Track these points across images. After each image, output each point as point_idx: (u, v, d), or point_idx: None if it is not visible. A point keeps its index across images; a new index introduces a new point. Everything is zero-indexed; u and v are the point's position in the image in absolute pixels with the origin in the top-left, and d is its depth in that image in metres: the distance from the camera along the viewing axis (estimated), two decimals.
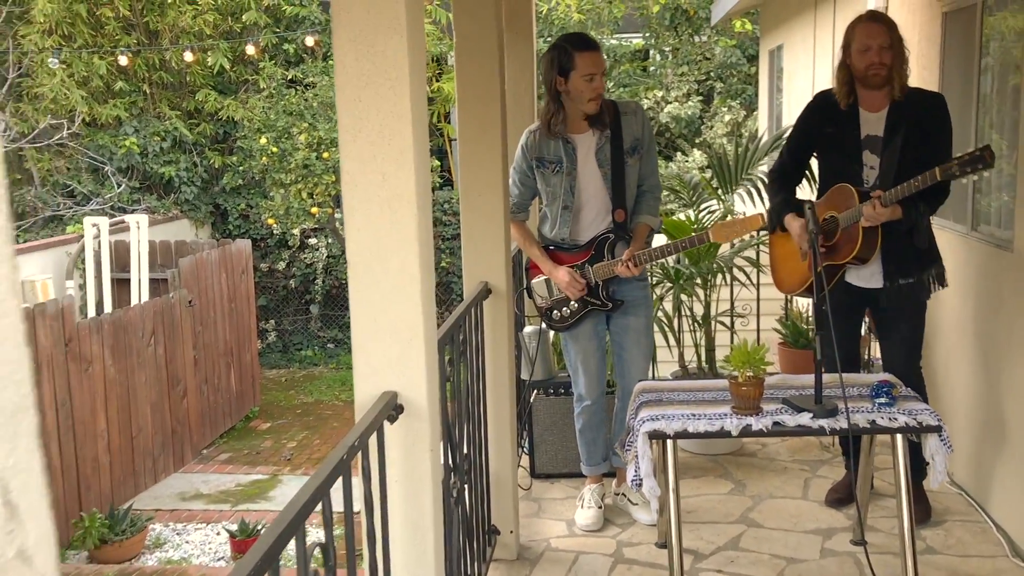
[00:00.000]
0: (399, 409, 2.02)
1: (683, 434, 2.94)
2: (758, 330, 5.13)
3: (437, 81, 12.54)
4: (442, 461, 2.56)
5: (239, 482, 8.23)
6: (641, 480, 3.00)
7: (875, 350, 4.53)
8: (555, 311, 3.72)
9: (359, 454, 1.79)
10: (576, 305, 3.66)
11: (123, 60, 11.37)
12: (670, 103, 12.72)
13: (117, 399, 7.66)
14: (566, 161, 3.54)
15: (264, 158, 11.81)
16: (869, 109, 3.41)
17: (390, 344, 2.01)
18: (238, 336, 9.91)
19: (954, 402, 3.97)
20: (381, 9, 1.93)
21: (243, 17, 12.11)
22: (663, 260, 4.34)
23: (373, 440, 1.90)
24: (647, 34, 13.23)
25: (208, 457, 8.91)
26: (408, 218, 1.98)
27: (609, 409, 3.94)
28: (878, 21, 3.38)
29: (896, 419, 2.90)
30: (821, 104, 3.55)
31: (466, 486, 2.95)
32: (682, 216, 4.52)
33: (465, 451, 2.98)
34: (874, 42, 3.29)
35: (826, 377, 3.03)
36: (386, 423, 1.99)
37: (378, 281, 2.00)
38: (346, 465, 1.67)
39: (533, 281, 3.78)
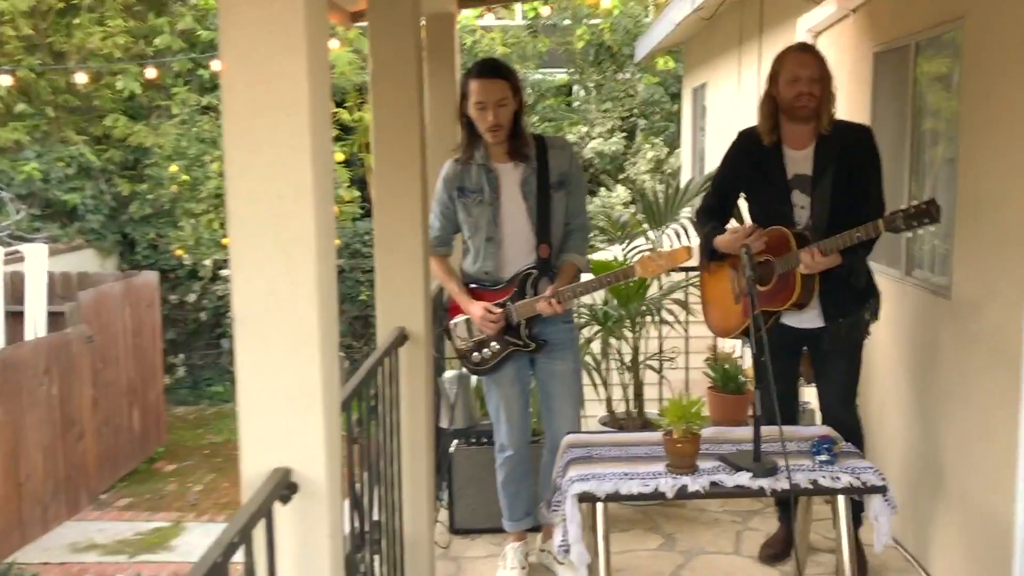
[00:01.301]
0: (292, 488, 1.74)
1: (615, 496, 2.72)
2: (687, 371, 4.97)
3: (359, 110, 12.26)
4: (348, 530, 2.28)
5: (139, 530, 7.71)
6: (569, 546, 2.76)
7: (804, 394, 4.40)
8: (475, 353, 3.48)
9: (241, 549, 1.51)
10: (497, 346, 3.42)
11: (5, 80, 10.70)
12: (594, 139, 12.67)
13: (4, 443, 7.10)
14: (488, 190, 3.33)
15: (175, 186, 11.34)
16: (794, 147, 3.27)
17: (283, 413, 1.73)
18: (143, 373, 9.38)
19: (888, 451, 3.83)
20: (277, 26, 1.67)
21: (156, 41, 11.65)
22: (591, 301, 4.14)
23: (260, 529, 1.62)
24: (571, 69, 13.20)
25: (106, 503, 8.35)
26: (307, 267, 1.72)
27: (534, 460, 3.70)
28: (809, 52, 3.27)
29: (839, 478, 2.73)
30: (745, 143, 3.41)
31: (377, 556, 2.67)
32: (609, 255, 4.33)
33: (376, 517, 2.70)
34: (804, 72, 3.16)
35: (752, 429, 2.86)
36: (277, 505, 1.71)
37: (270, 340, 1.72)
38: (221, 569, 1.39)
39: (452, 321, 3.54)
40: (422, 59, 3.16)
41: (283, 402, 1.74)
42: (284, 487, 1.71)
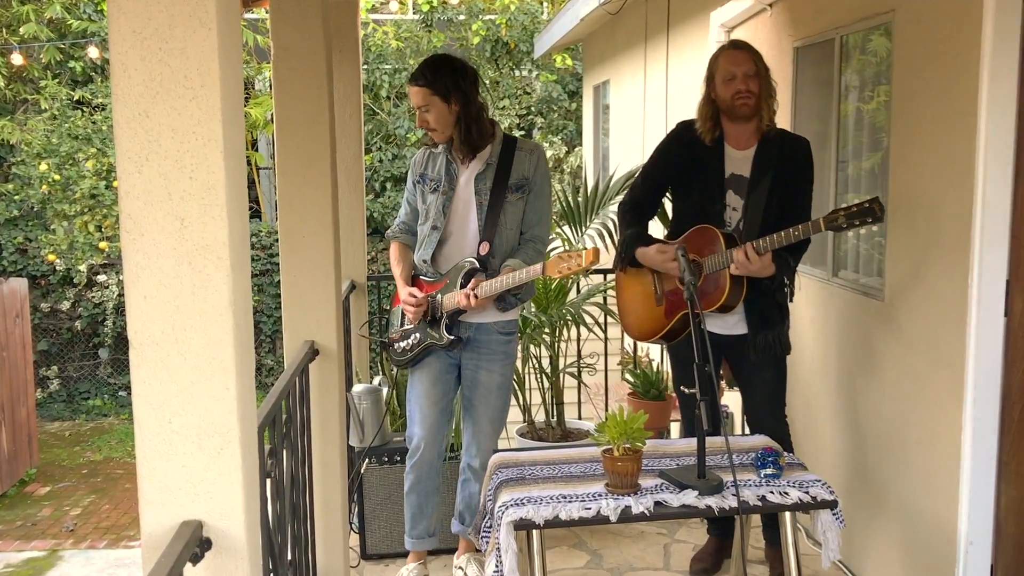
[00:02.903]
0: (205, 545, 1.45)
1: (554, 522, 2.50)
2: (606, 377, 4.83)
3: (244, 105, 11.72)
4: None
5: (8, 562, 7.08)
6: None
7: (723, 398, 4.30)
8: (399, 343, 3.33)
9: None
10: (417, 336, 3.26)
11: None
12: None
13: None
14: (445, 181, 3.23)
15: (45, 187, 10.58)
16: (736, 146, 3.15)
17: (192, 456, 1.45)
18: (11, 389, 8.67)
19: (817, 456, 3.75)
20: None
21: (21, 30, 10.85)
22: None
23: None
24: None
25: None
26: (218, 280, 1.43)
27: (450, 478, 3.47)
28: (741, 48, 3.15)
29: (788, 494, 2.59)
30: (683, 135, 3.25)
31: None
32: None
33: (290, 556, 2.41)
34: (739, 69, 3.05)
35: (691, 442, 2.71)
36: (188, 567, 1.41)
37: (174, 369, 1.43)
38: None
39: (393, 309, 3.42)
40: (331, 44, 2.88)
41: (192, 443, 1.45)
42: (195, 544, 1.43)
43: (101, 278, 11.20)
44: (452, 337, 3.20)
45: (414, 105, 3.17)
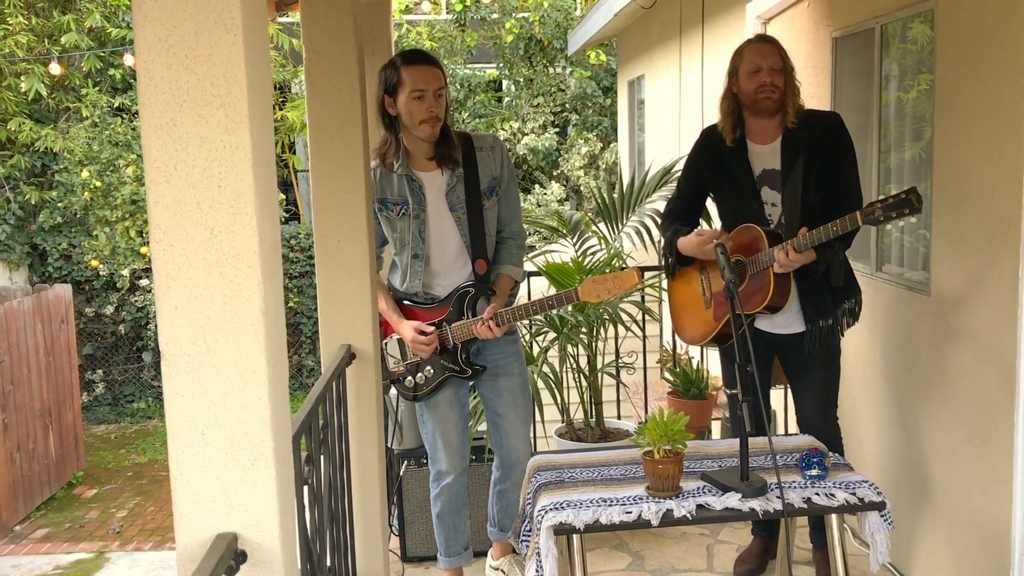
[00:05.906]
0: (240, 557, 1.44)
1: (595, 527, 2.46)
2: (645, 376, 4.77)
3: (281, 109, 11.81)
4: None
5: (58, 564, 7.19)
6: None
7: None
8: (408, 377, 3.12)
9: None
10: (432, 371, 3.09)
11: None
12: (527, 135, 12.43)
13: None
14: (412, 202, 2.98)
15: (87, 193, 10.74)
16: (759, 141, 3.06)
17: (225, 468, 1.43)
18: (57, 393, 8.81)
19: (862, 454, 3.67)
20: None
21: (62, 39, 11.02)
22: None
23: None
24: (500, 64, 12.94)
25: (21, 535, 7.79)
26: (250, 290, 1.41)
27: (477, 485, 3.42)
28: (768, 42, 3.06)
29: (834, 495, 2.52)
30: (708, 141, 3.19)
31: None
32: (563, 256, 4.07)
33: (329, 562, 2.40)
34: (764, 62, 2.96)
35: (733, 442, 2.64)
36: None
37: (206, 380, 1.42)
38: None
39: (384, 340, 3.16)
40: (363, 47, 2.86)
41: (225, 454, 1.44)
42: (231, 557, 1.41)
43: (143, 283, 11.36)
44: (477, 367, 3.10)
45: (430, 88, 2.84)
